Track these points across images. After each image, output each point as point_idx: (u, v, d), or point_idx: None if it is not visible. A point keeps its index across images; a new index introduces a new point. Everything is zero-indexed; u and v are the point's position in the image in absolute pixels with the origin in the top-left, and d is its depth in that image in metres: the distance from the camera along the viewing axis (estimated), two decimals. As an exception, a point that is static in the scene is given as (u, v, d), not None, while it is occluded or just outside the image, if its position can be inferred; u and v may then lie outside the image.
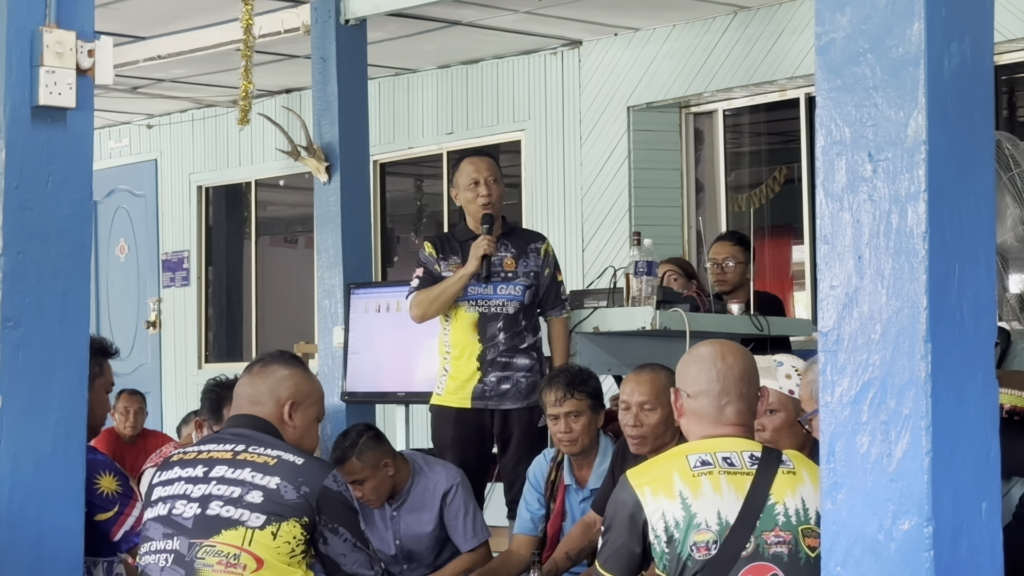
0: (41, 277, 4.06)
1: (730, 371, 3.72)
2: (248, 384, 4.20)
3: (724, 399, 3.70)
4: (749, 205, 9.38)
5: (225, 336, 12.16)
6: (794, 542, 3.55)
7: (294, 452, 4.01)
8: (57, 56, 4.02)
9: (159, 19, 8.96)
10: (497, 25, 9.20)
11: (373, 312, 7.36)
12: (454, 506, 5.82)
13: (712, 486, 3.56)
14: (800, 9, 8.61)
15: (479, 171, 6.27)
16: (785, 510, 3.57)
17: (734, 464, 3.61)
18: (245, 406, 4.16)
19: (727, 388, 3.71)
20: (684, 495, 3.55)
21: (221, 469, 3.98)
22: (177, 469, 4.06)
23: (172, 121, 11.99)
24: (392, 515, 5.87)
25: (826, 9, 2.98)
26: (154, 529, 4.01)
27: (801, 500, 3.59)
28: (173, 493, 4.01)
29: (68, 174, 4.11)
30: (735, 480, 3.58)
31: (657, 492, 3.57)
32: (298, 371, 4.21)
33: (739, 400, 3.72)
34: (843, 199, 2.93)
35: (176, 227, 12.04)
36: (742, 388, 3.73)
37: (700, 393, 3.72)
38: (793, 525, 3.56)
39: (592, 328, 6.35)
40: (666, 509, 3.55)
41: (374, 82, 9.79)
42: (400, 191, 11.40)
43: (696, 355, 3.79)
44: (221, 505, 3.92)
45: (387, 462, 5.77)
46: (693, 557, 3.50)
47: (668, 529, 3.53)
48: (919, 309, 2.82)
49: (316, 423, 4.20)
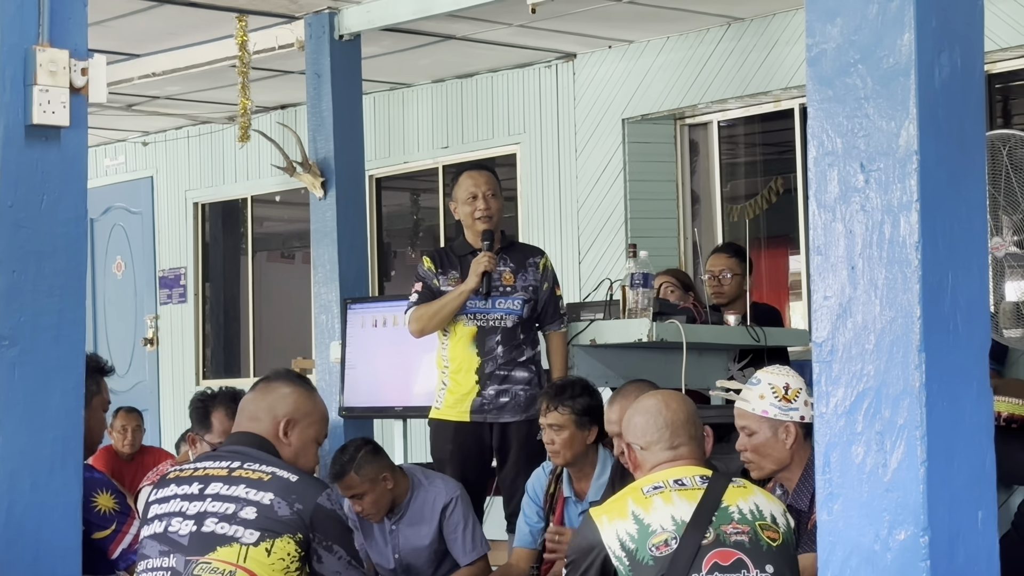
0: (37, 295, 4.06)
1: (676, 416, 3.91)
2: (250, 401, 4.20)
3: (676, 440, 3.89)
4: (745, 216, 9.38)
5: (223, 352, 12.15)
6: (753, 533, 3.69)
7: (289, 469, 4.00)
8: (50, 75, 4.02)
9: (153, 36, 8.96)
10: (491, 39, 9.21)
11: (370, 327, 7.36)
12: (453, 519, 5.82)
13: (663, 501, 3.73)
14: (793, 20, 8.62)
15: (477, 185, 6.27)
16: (739, 509, 3.72)
17: (685, 484, 3.78)
18: (245, 423, 4.16)
19: (676, 432, 3.89)
20: (636, 513, 3.71)
21: (216, 486, 3.97)
22: (173, 487, 4.05)
23: (168, 138, 12.00)
24: (391, 529, 5.87)
25: (817, 20, 2.99)
26: (151, 547, 4.00)
27: (754, 504, 3.75)
28: (169, 511, 4.00)
29: (63, 192, 4.11)
30: (686, 493, 3.75)
31: (613, 518, 3.74)
32: (300, 390, 4.21)
33: (691, 441, 3.91)
34: (836, 209, 2.94)
35: (173, 244, 12.03)
36: (691, 430, 3.91)
37: (652, 444, 3.90)
38: (749, 520, 3.71)
39: (589, 341, 6.35)
40: (619, 528, 3.70)
41: (369, 97, 9.79)
42: (396, 205, 11.40)
43: (640, 408, 3.97)
44: (216, 522, 3.91)
45: (386, 476, 5.77)
46: (654, 555, 3.63)
47: (625, 545, 3.68)
48: (913, 319, 2.83)
49: (314, 443, 4.18)
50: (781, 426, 4.39)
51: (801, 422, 4.34)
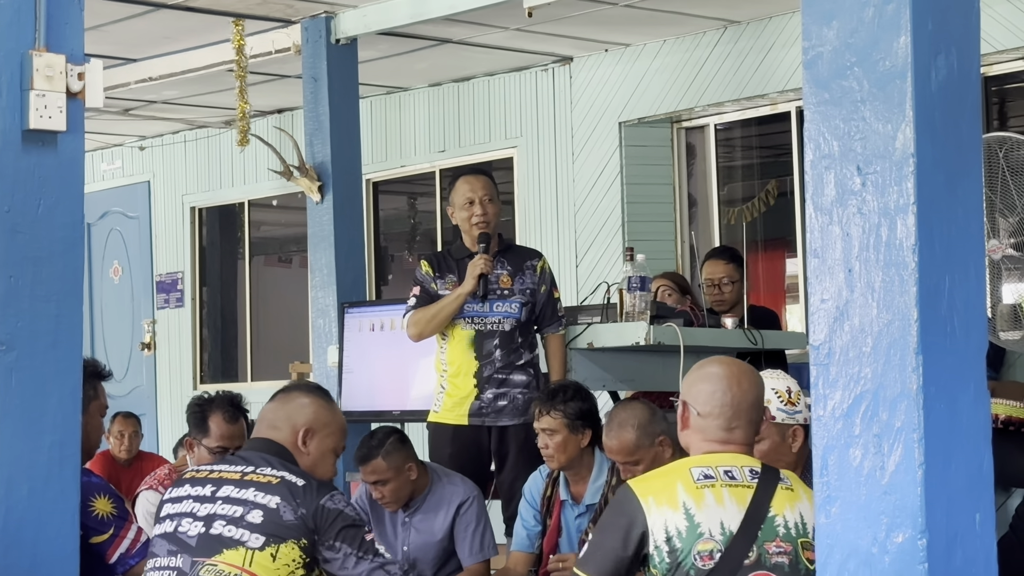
0: (34, 300, 4.06)
1: (744, 397, 3.75)
2: (270, 410, 4.23)
3: (734, 423, 3.74)
4: (742, 219, 9.38)
5: (220, 357, 12.14)
6: (794, 553, 3.58)
7: (298, 474, 4.01)
8: (47, 79, 4.02)
9: (150, 41, 8.97)
10: (488, 43, 9.21)
11: (367, 331, 7.36)
12: (466, 518, 5.82)
13: (715, 498, 3.59)
14: (790, 23, 8.63)
15: (474, 191, 6.26)
16: (785, 522, 3.60)
17: (735, 477, 3.64)
18: (264, 430, 4.19)
19: (738, 414, 3.74)
20: (687, 505, 3.58)
21: (228, 489, 3.99)
22: (188, 487, 4.07)
23: (164, 143, 12.00)
24: (404, 521, 5.87)
25: (813, 23, 2.99)
26: (160, 545, 4.02)
27: (799, 515, 3.63)
28: (180, 511, 4.02)
29: (59, 197, 4.11)
30: (736, 492, 3.62)
31: (661, 502, 3.60)
32: (320, 401, 4.23)
33: (748, 425, 3.76)
34: (832, 212, 2.94)
35: (170, 248, 12.03)
36: (752, 415, 3.77)
37: (711, 415, 3.74)
38: (793, 537, 3.59)
39: (586, 344, 6.35)
40: (669, 519, 3.57)
41: (366, 101, 9.80)
42: (393, 209, 11.40)
43: (711, 374, 3.80)
44: (224, 524, 3.92)
45: (411, 466, 5.78)
46: (696, 566, 3.53)
47: (671, 539, 3.55)
48: (910, 321, 2.83)
49: (332, 454, 4.20)
50: (788, 430, 4.39)
51: (805, 424, 4.34)
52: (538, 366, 6.32)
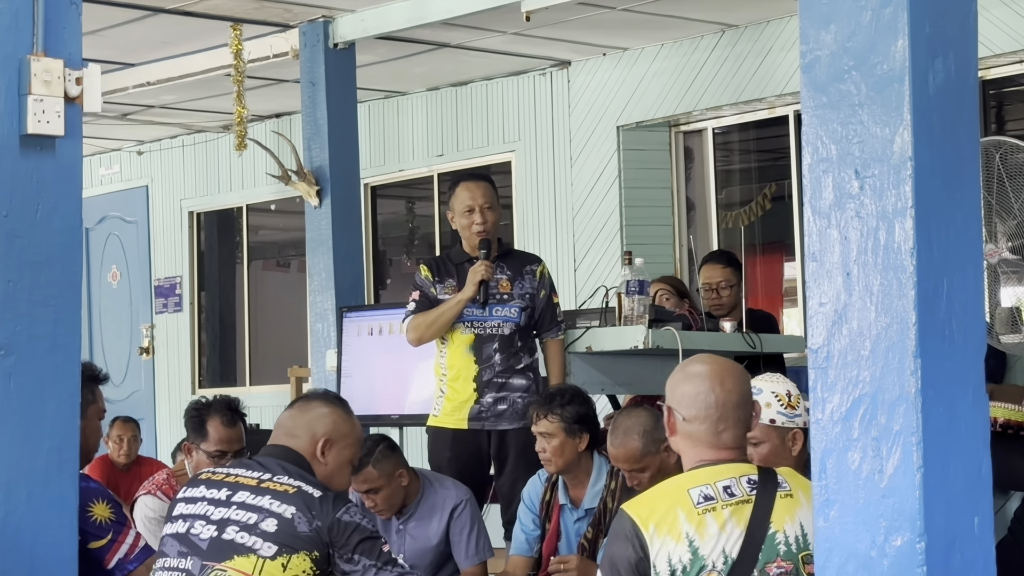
0: (32, 305, 4.05)
1: (729, 397, 3.62)
2: (288, 417, 4.22)
3: (722, 425, 3.61)
4: (740, 223, 9.39)
5: (219, 361, 12.14)
6: (795, 571, 3.51)
7: (314, 485, 4.01)
8: (45, 84, 4.02)
9: (148, 46, 8.97)
10: (486, 47, 9.21)
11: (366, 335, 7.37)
12: (460, 521, 5.83)
13: (717, 524, 3.48)
14: (788, 27, 8.63)
15: (474, 198, 6.26)
16: (786, 539, 3.52)
17: (734, 494, 3.53)
18: (281, 438, 4.18)
19: (725, 415, 3.61)
20: (690, 536, 3.47)
21: (243, 495, 3.98)
22: (203, 488, 4.06)
23: (163, 147, 12.00)
24: (399, 528, 5.87)
25: (810, 27, 2.99)
26: (170, 545, 4.01)
27: (800, 526, 3.54)
28: (194, 512, 4.02)
29: (58, 202, 4.10)
30: (737, 511, 3.51)
31: (663, 532, 3.49)
32: (338, 411, 4.22)
33: (736, 425, 3.63)
34: (830, 216, 2.94)
35: (168, 253, 12.03)
36: (740, 414, 3.64)
37: (696, 419, 3.62)
38: (794, 553, 3.52)
39: (585, 348, 6.36)
40: (672, 551, 3.46)
41: (364, 105, 9.80)
42: (391, 214, 11.40)
43: (692, 374, 3.68)
44: (237, 530, 3.92)
45: (401, 472, 5.79)
46: None
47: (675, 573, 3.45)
48: (908, 325, 2.83)
49: (349, 465, 4.19)
50: (788, 433, 4.37)
51: (805, 428, 4.32)
52: (537, 370, 6.32)
